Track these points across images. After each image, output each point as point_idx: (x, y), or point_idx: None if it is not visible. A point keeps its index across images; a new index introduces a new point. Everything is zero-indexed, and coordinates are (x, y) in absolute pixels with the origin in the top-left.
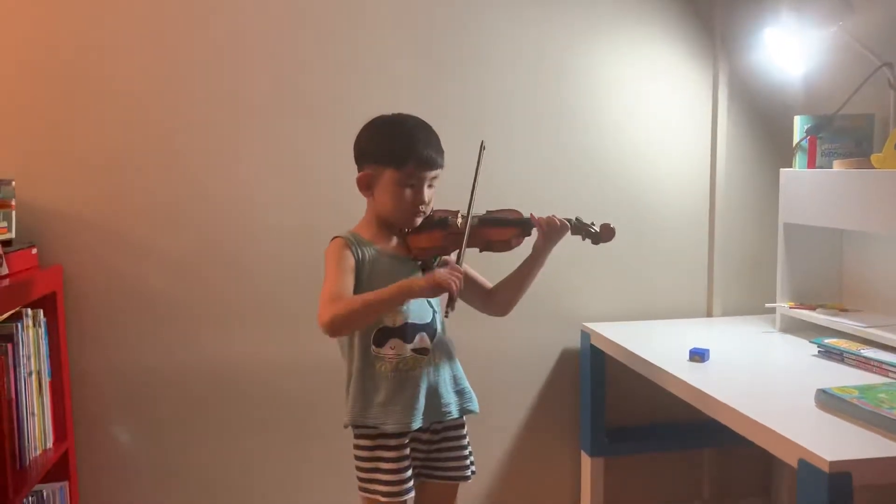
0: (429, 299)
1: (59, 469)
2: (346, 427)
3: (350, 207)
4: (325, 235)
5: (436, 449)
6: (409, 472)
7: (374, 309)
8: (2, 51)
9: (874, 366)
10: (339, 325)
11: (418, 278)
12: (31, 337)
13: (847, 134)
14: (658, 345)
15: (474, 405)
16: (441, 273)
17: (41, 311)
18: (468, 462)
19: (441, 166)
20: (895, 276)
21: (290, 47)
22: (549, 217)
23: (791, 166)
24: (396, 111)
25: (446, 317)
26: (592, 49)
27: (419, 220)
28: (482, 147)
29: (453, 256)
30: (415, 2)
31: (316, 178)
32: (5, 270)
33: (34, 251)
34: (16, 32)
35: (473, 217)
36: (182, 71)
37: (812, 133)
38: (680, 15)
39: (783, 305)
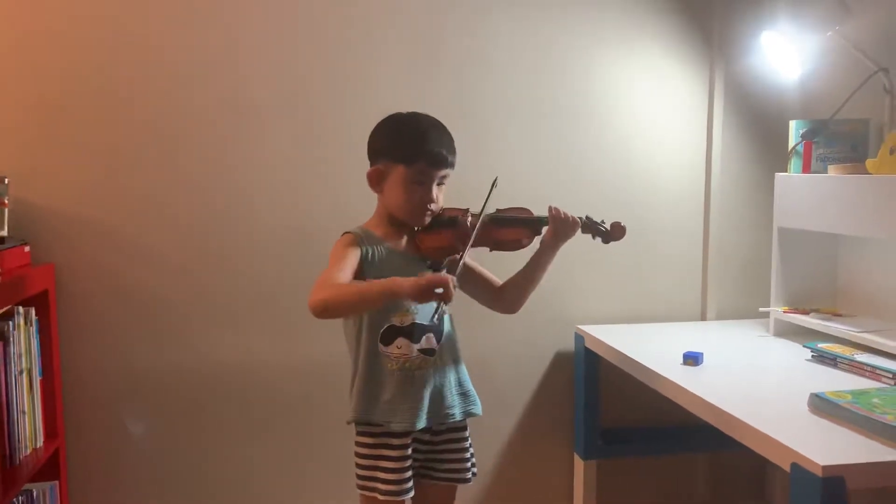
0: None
1: (50, 468)
2: (349, 423)
3: (347, 209)
4: (320, 237)
5: (437, 450)
6: (410, 473)
7: (361, 300)
8: None
9: (867, 370)
10: (328, 308)
11: (405, 279)
12: (23, 335)
13: (842, 139)
14: (652, 348)
15: (477, 408)
16: (430, 279)
17: (33, 310)
18: (469, 464)
19: (452, 165)
20: (889, 280)
21: (289, 49)
22: (563, 211)
23: (786, 171)
24: (397, 113)
25: (443, 313)
26: (589, 52)
27: (428, 219)
28: (494, 184)
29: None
30: (415, 6)
31: (312, 180)
32: None
33: (27, 249)
34: (11, 29)
35: (484, 216)
36: (179, 70)
37: (807, 137)
38: (677, 19)
39: (777, 310)
